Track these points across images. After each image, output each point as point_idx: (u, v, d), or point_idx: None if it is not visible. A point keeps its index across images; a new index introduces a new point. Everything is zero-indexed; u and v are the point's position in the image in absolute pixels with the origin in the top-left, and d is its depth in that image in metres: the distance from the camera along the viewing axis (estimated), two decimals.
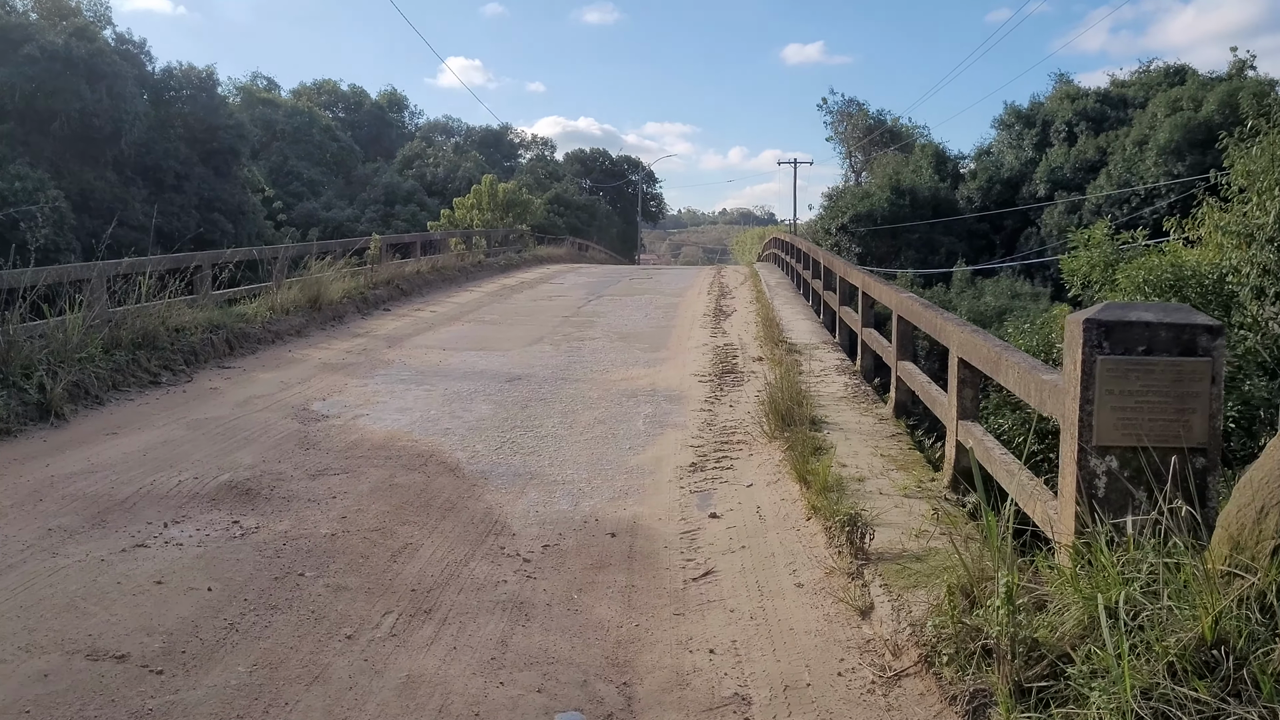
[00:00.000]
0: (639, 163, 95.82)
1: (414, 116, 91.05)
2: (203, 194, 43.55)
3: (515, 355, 13.72)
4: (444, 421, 9.62)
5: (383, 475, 7.68)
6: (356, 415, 9.85)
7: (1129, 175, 52.30)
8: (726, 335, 15.68)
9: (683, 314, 18.95)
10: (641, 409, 10.30)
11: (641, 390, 11.33)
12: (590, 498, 7.31)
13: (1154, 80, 62.83)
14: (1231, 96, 51.76)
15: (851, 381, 10.67)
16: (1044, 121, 61.90)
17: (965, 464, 6.45)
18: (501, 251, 33.90)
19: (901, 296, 8.65)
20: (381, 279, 19.78)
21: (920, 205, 57.07)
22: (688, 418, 9.88)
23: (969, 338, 6.15)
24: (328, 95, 80.00)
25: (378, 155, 72.16)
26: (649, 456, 8.46)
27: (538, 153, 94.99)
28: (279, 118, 63.25)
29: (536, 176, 77.70)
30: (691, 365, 12.94)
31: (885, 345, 9.92)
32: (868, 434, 8.20)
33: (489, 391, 11.09)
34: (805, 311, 17.67)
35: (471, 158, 72.41)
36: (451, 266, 25.20)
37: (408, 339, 15.10)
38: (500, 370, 12.50)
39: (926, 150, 66.80)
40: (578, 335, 15.86)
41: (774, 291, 21.46)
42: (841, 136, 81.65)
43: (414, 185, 63.38)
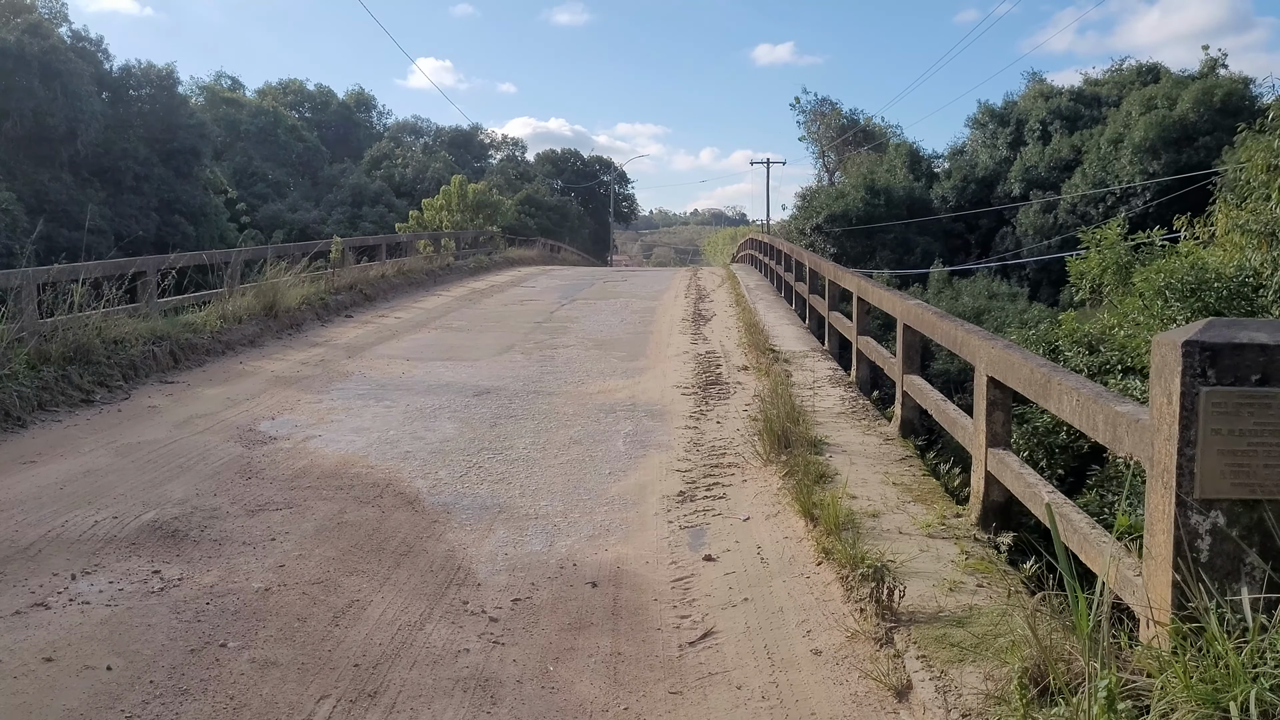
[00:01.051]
0: (611, 163, 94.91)
1: (382, 117, 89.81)
2: (163, 195, 42.32)
3: (484, 366, 12.83)
4: (404, 443, 8.72)
5: (331, 510, 6.78)
6: (308, 437, 8.94)
7: (1104, 174, 51.94)
8: (708, 342, 14.85)
9: (660, 319, 18.11)
10: (621, 426, 9.45)
11: (620, 404, 10.48)
12: (567, 535, 6.44)
13: (1127, 79, 62.58)
14: (1206, 95, 51.52)
15: (848, 395, 9.86)
16: (1018, 120, 61.48)
17: (997, 498, 5.64)
18: (471, 254, 32.95)
19: (909, 304, 7.85)
20: (343, 284, 18.82)
21: (895, 205, 56.55)
22: (672, 436, 9.03)
23: (1004, 355, 5.33)
24: (294, 95, 78.59)
25: (345, 156, 70.88)
26: (632, 483, 7.61)
27: (508, 153, 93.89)
28: (243, 118, 61.88)
29: (507, 177, 76.63)
30: (672, 375, 12.10)
31: (886, 356, 9.11)
32: (874, 457, 7.38)
33: (455, 407, 10.21)
34: (789, 316, 16.87)
35: (441, 158, 71.27)
36: (418, 270, 24.24)
37: (369, 348, 14.17)
38: (467, 383, 11.61)
39: (900, 149, 66.31)
40: (550, 343, 14.99)
41: (754, 294, 20.66)
42: (814, 136, 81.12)
43: (382, 186, 62.20)
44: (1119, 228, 10.31)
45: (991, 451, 5.59)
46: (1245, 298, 8.81)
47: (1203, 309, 8.86)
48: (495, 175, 75.10)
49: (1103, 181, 52.11)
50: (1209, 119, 50.65)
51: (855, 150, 74.42)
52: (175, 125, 43.89)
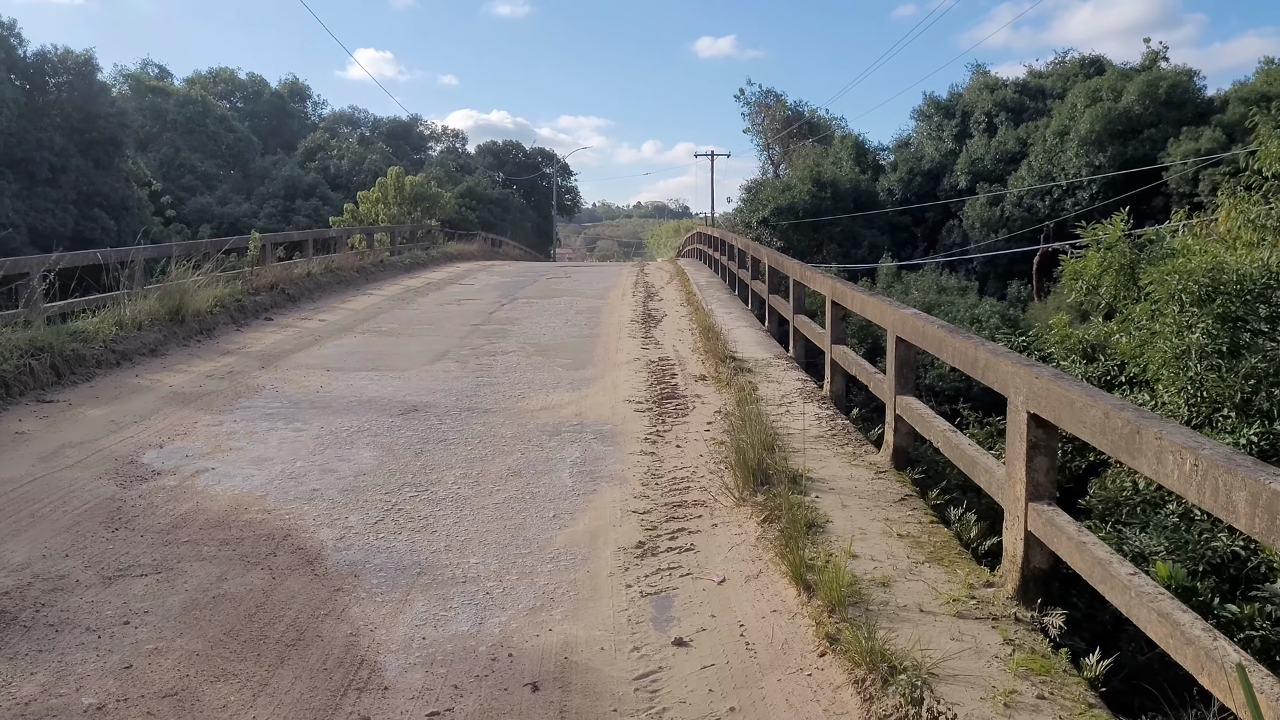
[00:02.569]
0: (553, 155, 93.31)
1: (317, 107, 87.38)
2: (81, 188, 40.14)
3: (413, 377, 11.52)
4: (312, 478, 7.42)
5: (209, 576, 5.49)
6: (199, 470, 7.60)
7: (1050, 167, 51.64)
8: (660, 346, 13.65)
9: (608, 320, 16.88)
10: (567, 452, 8.22)
11: (566, 424, 9.24)
12: (502, 608, 5.21)
13: (1070, 71, 62.51)
14: (1151, 87, 51.38)
15: (823, 412, 8.71)
16: (963, 112, 61.16)
17: (1039, 564, 4.51)
18: (407, 249, 31.45)
19: (903, 314, 6.70)
20: (264, 283, 17.34)
21: (842, 198, 55.88)
22: (626, 465, 7.82)
23: (1055, 390, 4.19)
24: (225, 84, 76.07)
25: (278, 147, 68.63)
26: (581, 530, 6.38)
27: (449, 145, 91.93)
28: (170, 107, 59.48)
29: (447, 169, 74.80)
30: (624, 387, 10.89)
31: (870, 372, 7.97)
32: (869, 497, 6.22)
33: (376, 430, 8.90)
34: (745, 317, 15.73)
35: (378, 149, 69.30)
36: (349, 267, 22.75)
37: (286, 357, 12.78)
38: (393, 398, 10.30)
39: (846, 142, 65.72)
40: (489, 348, 13.70)
41: (706, 293, 19.50)
42: (759, 128, 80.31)
43: (316, 178, 60.18)
44: (1123, 223, 9.27)
45: (1035, 507, 4.45)
46: (1268, 300, 7.81)
47: (1222, 315, 7.83)
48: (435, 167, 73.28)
49: (1049, 174, 51.81)
50: (1154, 111, 50.54)
51: (800, 143, 73.67)
52: (94, 114, 41.67)
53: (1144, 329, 8.30)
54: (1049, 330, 10.14)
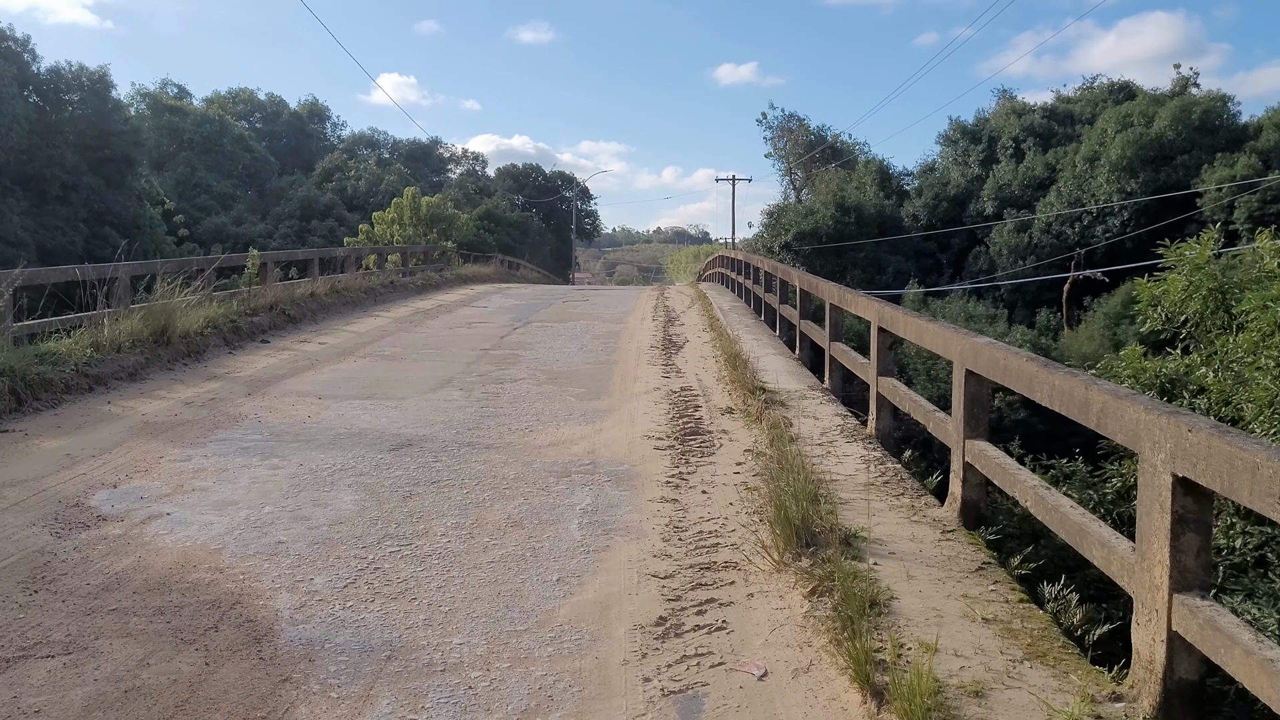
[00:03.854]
0: (573, 179, 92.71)
1: (337, 128, 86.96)
2: (92, 206, 39.51)
3: (411, 407, 10.50)
4: (279, 527, 6.39)
5: (128, 659, 4.46)
6: (151, 516, 6.58)
7: (1080, 193, 50.49)
8: (681, 375, 12.60)
9: (625, 345, 15.85)
10: (577, 498, 7.16)
11: (577, 463, 8.19)
12: (487, 710, 4.15)
13: (1099, 97, 61.43)
14: (1184, 112, 50.27)
15: (870, 454, 7.63)
16: (990, 137, 60.12)
17: (1188, 676, 3.43)
18: (420, 270, 30.55)
19: (976, 342, 5.63)
20: (263, 304, 16.40)
21: (866, 223, 54.88)
22: (644, 514, 6.76)
23: (1220, 446, 3.12)
24: (244, 104, 75.74)
25: (295, 168, 68.11)
26: (590, 599, 5.31)
27: (469, 168, 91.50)
28: (187, 126, 59.02)
29: (466, 192, 74.25)
30: (642, 420, 9.84)
31: (928, 410, 6.88)
32: (938, 565, 5.14)
33: (362, 469, 7.87)
34: (773, 344, 14.66)
35: (396, 170, 68.73)
36: (356, 287, 21.82)
37: (277, 382, 11.79)
38: (386, 431, 9.28)
39: (870, 167, 64.74)
40: (497, 375, 12.68)
41: (730, 317, 18.45)
42: (781, 153, 79.47)
43: (333, 199, 59.54)
44: (1214, 242, 8.16)
45: (1182, 600, 3.38)
46: None
47: None
48: (454, 190, 72.71)
49: (1079, 200, 50.65)
50: (1187, 137, 49.40)
51: (823, 167, 72.79)
52: (108, 132, 41.09)
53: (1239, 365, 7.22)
54: (1118, 361, 9.03)
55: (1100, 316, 42.18)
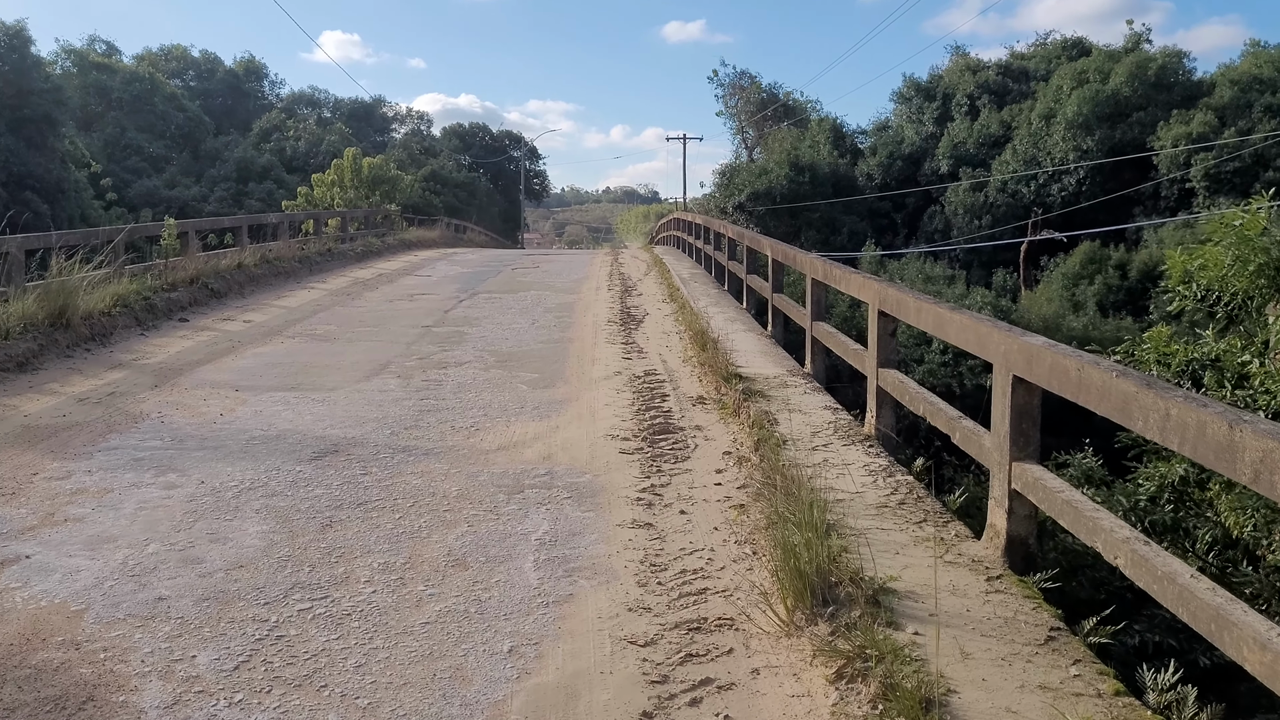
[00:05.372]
0: (521, 138, 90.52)
1: (275, 87, 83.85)
2: (11, 169, 37.28)
3: (341, 400, 9.25)
4: (163, 575, 5.16)
5: None
6: (4, 562, 5.33)
7: (1035, 151, 49.80)
8: (644, 355, 11.44)
9: (581, 319, 14.65)
10: (532, 523, 5.99)
11: (531, 473, 7.02)
12: None
13: (1052, 53, 60.75)
14: (1140, 69, 49.63)
15: (874, 462, 6.53)
16: (944, 95, 59.24)
17: None
18: (361, 235, 29.01)
19: (1029, 343, 4.50)
20: (182, 277, 14.97)
21: (820, 182, 53.85)
22: (613, 546, 5.61)
23: None
24: (176, 62, 72.69)
25: (231, 128, 65.52)
26: (550, 683, 4.15)
27: (413, 127, 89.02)
28: (115, 85, 56.30)
29: (411, 152, 72.06)
30: (604, 414, 8.68)
31: (952, 417, 5.75)
32: (996, 633, 4.05)
33: (276, 486, 6.64)
34: (742, 319, 13.52)
35: (337, 130, 66.41)
36: (289, 257, 20.35)
37: (190, 370, 10.47)
38: (310, 432, 8.04)
39: (823, 125, 63.70)
40: (439, 358, 11.44)
41: (690, 287, 17.29)
42: (733, 111, 78.14)
43: (271, 160, 57.29)
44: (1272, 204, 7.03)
45: None
46: None
47: None
48: (398, 150, 70.53)
49: (1034, 159, 49.97)
50: (1143, 94, 48.81)
51: (776, 126, 71.53)
52: (27, 90, 38.74)
53: None
54: (1140, 345, 8.00)
55: (1059, 277, 41.57)
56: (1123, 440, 8.01)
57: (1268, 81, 46.60)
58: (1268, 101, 45.17)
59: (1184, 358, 7.64)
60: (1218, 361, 7.65)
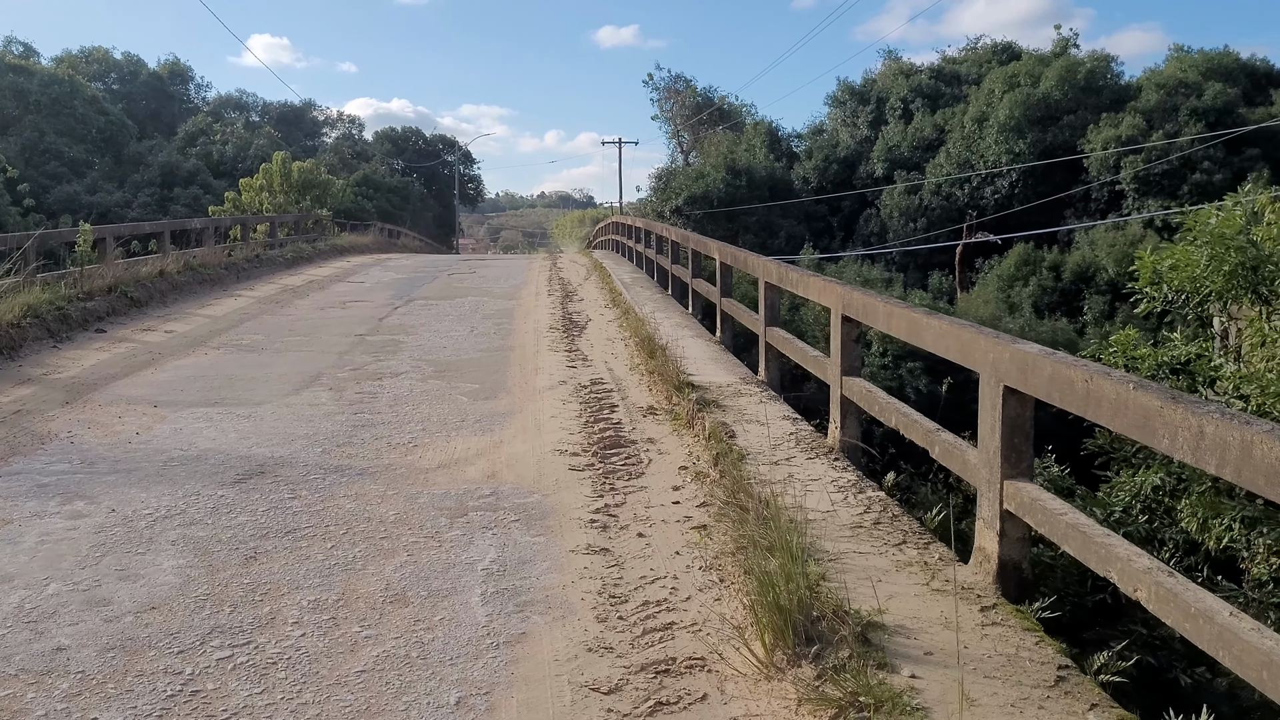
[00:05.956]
0: (455, 142, 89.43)
1: (201, 90, 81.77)
2: None
3: (269, 415, 8.67)
4: (63, 621, 4.60)
5: None
6: None
7: (969, 154, 50.21)
8: (589, 363, 10.99)
9: (521, 327, 14.15)
10: (478, 550, 5.50)
11: (475, 494, 6.53)
12: None
13: (983, 57, 61.41)
14: (1070, 73, 50.31)
15: (842, 477, 6.15)
16: (878, 99, 59.60)
17: None
18: (291, 241, 28.16)
19: (1024, 351, 4.13)
20: (100, 286, 14.20)
21: (757, 186, 53.84)
22: (567, 575, 5.15)
23: None
24: (98, 64, 70.57)
25: (156, 132, 63.73)
26: None
27: (345, 131, 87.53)
28: (33, 87, 54.39)
29: (342, 157, 70.81)
30: (551, 427, 8.21)
31: (929, 430, 5.38)
32: (998, 673, 3.66)
33: (195, 513, 6.08)
34: (688, 324, 13.12)
35: (266, 134, 64.88)
36: (215, 263, 19.54)
37: (104, 385, 9.80)
38: (233, 452, 7.47)
39: (759, 128, 63.79)
40: (374, 368, 10.89)
41: (633, 292, 16.86)
42: (668, 115, 77.98)
43: (198, 165, 55.75)
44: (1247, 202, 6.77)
45: None
46: None
47: None
48: (329, 154, 69.25)
49: (968, 161, 50.36)
50: (1073, 97, 49.47)
51: (711, 130, 71.46)
52: None
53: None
54: (1106, 349, 7.73)
55: (994, 279, 41.88)
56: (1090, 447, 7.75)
57: (1192, 85, 47.47)
58: (1193, 105, 45.98)
59: (1154, 361, 7.38)
60: (1188, 364, 7.41)
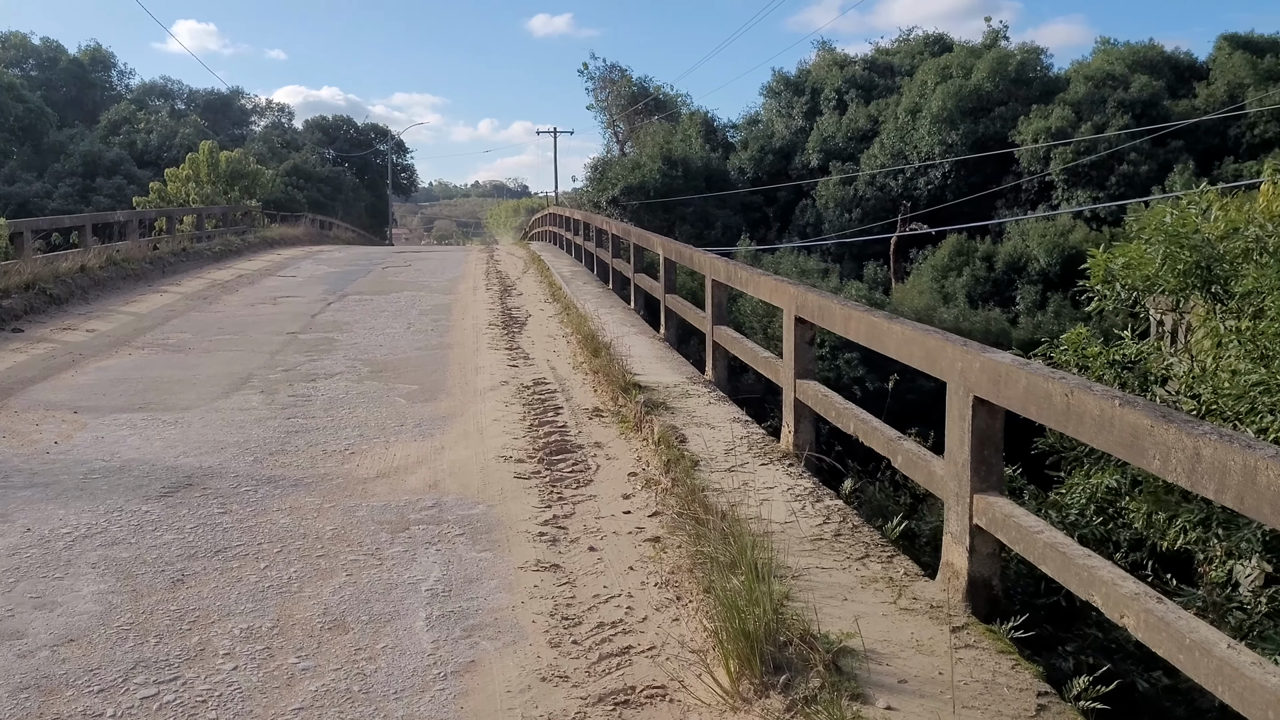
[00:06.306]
0: (387, 131, 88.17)
1: (124, 77, 79.59)
2: None
3: (196, 421, 8.29)
4: None
5: None
6: None
7: (902, 145, 50.58)
8: (531, 362, 10.73)
9: (460, 322, 13.82)
10: (421, 568, 5.23)
11: (416, 504, 6.24)
12: None
13: (915, 49, 61.92)
14: (1001, 64, 50.89)
15: (799, 485, 5.96)
16: (813, 89, 59.85)
17: None
18: (220, 233, 27.39)
19: (996, 361, 3.95)
20: (17, 282, 13.61)
21: (693, 176, 53.72)
22: (517, 595, 4.90)
23: None
24: (15, 50, 68.34)
25: (77, 120, 61.91)
26: None
27: (274, 120, 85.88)
28: None
29: (272, 146, 69.27)
30: (494, 431, 7.94)
31: (891, 439, 5.22)
32: (976, 702, 3.48)
33: (118, 531, 5.72)
34: (630, 319, 12.88)
35: (192, 123, 63.35)
36: (140, 257, 18.90)
37: (20, 390, 9.32)
38: (159, 462, 7.10)
39: (695, 119, 63.72)
40: (308, 369, 10.52)
41: (573, 286, 16.58)
42: (604, 105, 77.58)
43: (121, 154, 54.17)
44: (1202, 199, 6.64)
45: None
46: None
47: None
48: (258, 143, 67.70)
49: (901, 152, 50.73)
50: (1004, 89, 50.04)
51: (647, 120, 71.23)
52: None
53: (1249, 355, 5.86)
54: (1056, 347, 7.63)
55: (928, 269, 42.24)
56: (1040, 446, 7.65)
57: (1119, 78, 48.28)
58: (1120, 97, 46.75)
59: (1105, 360, 7.30)
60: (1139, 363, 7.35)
